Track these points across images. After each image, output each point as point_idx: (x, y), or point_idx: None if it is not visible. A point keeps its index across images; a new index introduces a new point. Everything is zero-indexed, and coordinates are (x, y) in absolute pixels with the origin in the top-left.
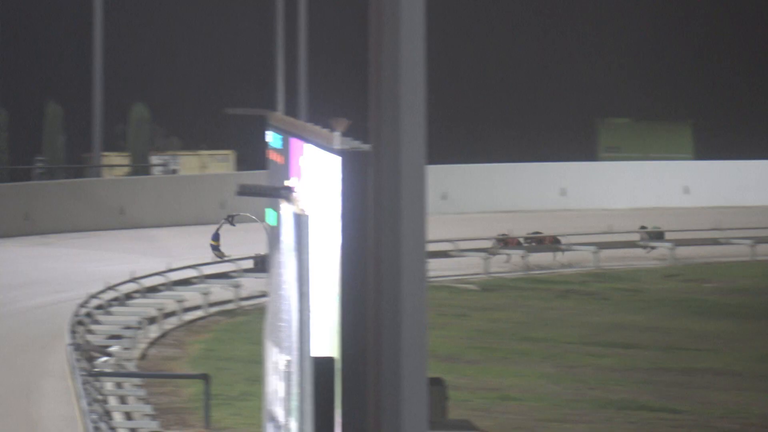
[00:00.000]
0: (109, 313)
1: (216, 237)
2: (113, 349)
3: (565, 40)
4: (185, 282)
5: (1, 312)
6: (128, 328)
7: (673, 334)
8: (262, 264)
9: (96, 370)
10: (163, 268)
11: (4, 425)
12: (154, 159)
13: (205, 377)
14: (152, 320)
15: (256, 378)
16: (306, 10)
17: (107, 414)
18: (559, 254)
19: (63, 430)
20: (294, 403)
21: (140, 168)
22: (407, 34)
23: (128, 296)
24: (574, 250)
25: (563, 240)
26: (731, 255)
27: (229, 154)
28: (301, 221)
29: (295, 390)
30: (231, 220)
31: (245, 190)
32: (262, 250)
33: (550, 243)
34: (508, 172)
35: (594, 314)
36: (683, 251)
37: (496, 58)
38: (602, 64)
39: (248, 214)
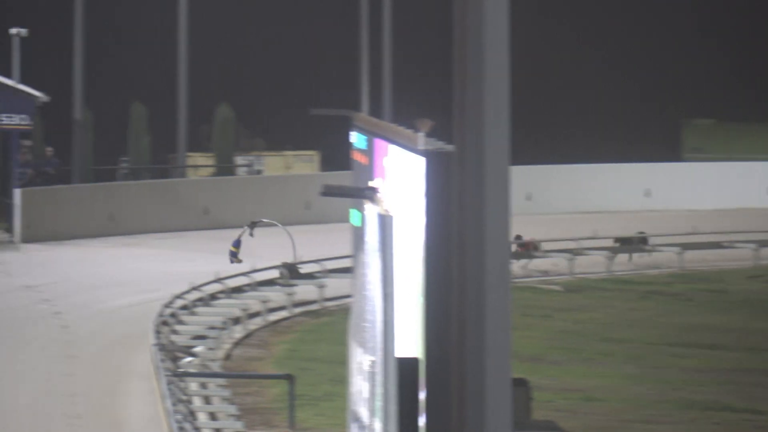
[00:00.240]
0: (193, 314)
1: (237, 244)
2: (198, 349)
3: (650, 41)
4: (270, 282)
5: (87, 312)
6: (213, 328)
7: (757, 334)
8: (291, 272)
9: (180, 370)
10: (247, 269)
11: (89, 425)
12: (239, 159)
13: (289, 378)
14: (237, 320)
15: (340, 378)
16: (390, 11)
17: (192, 414)
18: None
19: (148, 430)
20: (378, 404)
21: (225, 168)
22: (491, 36)
23: (213, 296)
24: (658, 251)
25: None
26: None
27: (314, 155)
28: (385, 222)
29: (379, 390)
30: (253, 227)
31: (329, 191)
32: (289, 257)
33: (531, 249)
34: (593, 173)
35: (678, 315)
36: None
37: (581, 59)
38: (688, 64)
39: (271, 221)
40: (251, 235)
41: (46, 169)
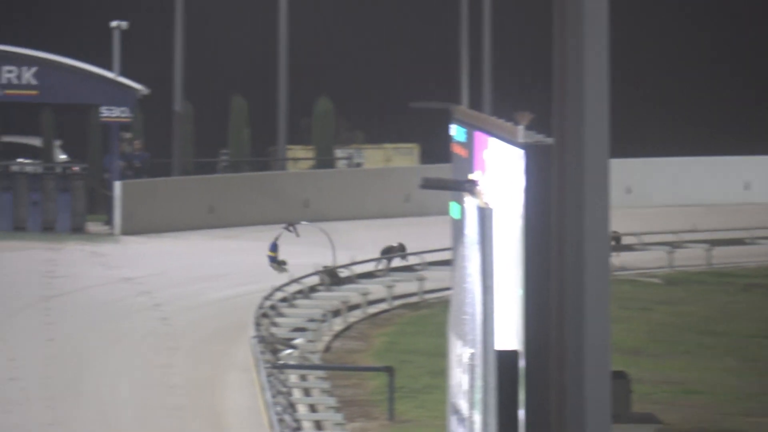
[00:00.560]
0: (293, 306)
1: (274, 248)
2: (297, 341)
3: (751, 29)
4: (369, 276)
5: (186, 304)
6: (312, 320)
7: None
8: (332, 277)
9: (280, 362)
10: (347, 261)
11: (189, 417)
12: (339, 152)
13: (389, 370)
14: (336, 313)
15: (439, 371)
16: (491, 3)
17: (291, 406)
18: None
19: (247, 422)
20: (477, 396)
21: (325, 161)
22: (591, 28)
23: (312, 289)
24: (758, 244)
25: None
26: None
27: (414, 148)
28: (485, 215)
29: (478, 383)
30: (292, 229)
31: (429, 184)
32: (328, 260)
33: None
34: (692, 166)
35: None
36: None
37: (681, 50)
38: None
39: (307, 222)
40: (297, 234)
41: (134, 162)
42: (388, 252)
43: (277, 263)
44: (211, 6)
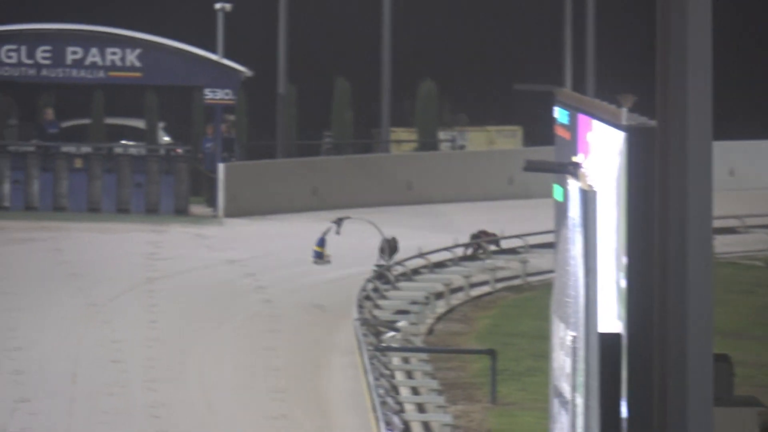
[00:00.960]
0: (396, 288)
1: (321, 243)
2: (400, 324)
3: None
4: (472, 258)
5: (289, 287)
6: (415, 303)
7: None
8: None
9: (383, 345)
10: (450, 244)
11: (292, 400)
12: (442, 135)
13: (491, 353)
14: (439, 295)
15: (542, 354)
16: None
17: (394, 389)
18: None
19: (350, 404)
20: (580, 379)
21: (428, 143)
22: (694, 10)
23: (415, 271)
24: None
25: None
26: None
27: (517, 130)
28: (588, 197)
29: (581, 365)
30: (339, 224)
31: (532, 166)
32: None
33: (488, 241)
34: None
35: None
36: None
37: None
38: None
39: (355, 217)
40: (338, 232)
41: (206, 148)
42: (476, 238)
43: (322, 258)
44: None
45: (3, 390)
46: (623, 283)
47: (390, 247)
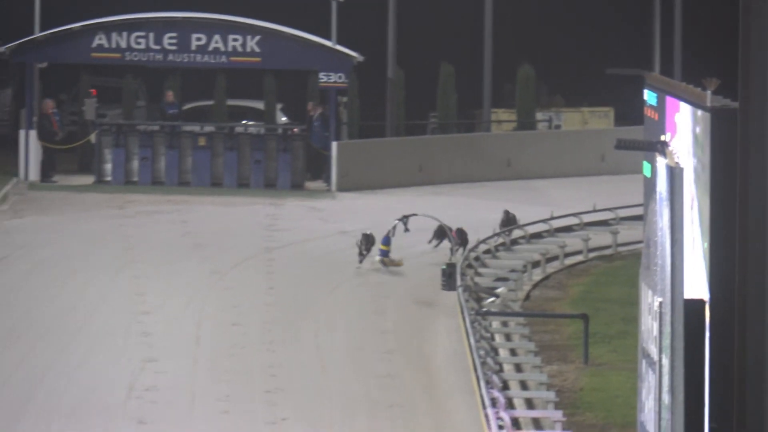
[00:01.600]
0: (496, 257)
1: (387, 241)
2: (500, 290)
3: None
4: (566, 229)
5: (403, 254)
6: (514, 271)
7: None
8: (450, 280)
9: (484, 309)
10: (546, 216)
11: (400, 360)
12: (539, 115)
13: (584, 317)
14: (536, 264)
15: (631, 318)
16: None
17: (494, 350)
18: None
19: (452, 364)
20: (666, 342)
21: (526, 123)
22: None
23: (514, 242)
24: None
25: None
26: None
27: (609, 111)
28: (674, 174)
29: (667, 329)
30: (406, 222)
31: (623, 144)
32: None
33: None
34: None
35: None
36: None
37: None
38: None
39: (423, 214)
40: (406, 230)
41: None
42: (506, 223)
43: (390, 259)
44: None
45: (132, 350)
46: (707, 254)
47: (509, 220)
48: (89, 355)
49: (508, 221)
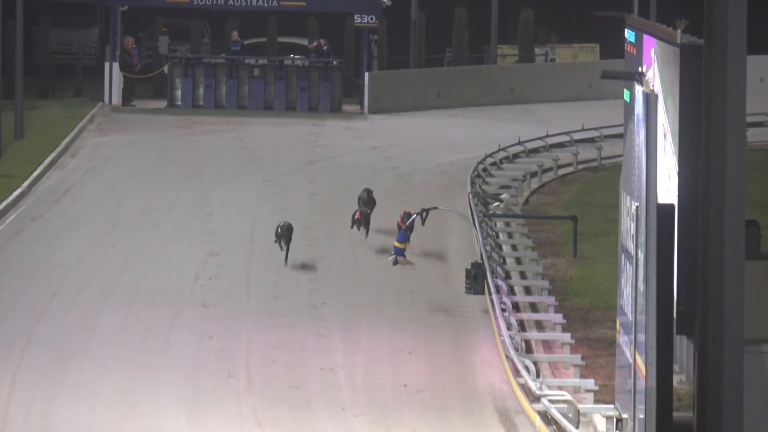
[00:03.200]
0: (500, 169)
1: (403, 237)
2: (503, 196)
3: None
4: (559, 146)
5: (419, 167)
6: (515, 180)
7: None
8: (475, 283)
9: (490, 212)
10: (542, 135)
11: (424, 252)
12: (537, 50)
13: (573, 218)
14: (534, 174)
15: (612, 219)
16: None
17: (498, 245)
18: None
19: (464, 256)
20: (642, 239)
21: (526, 57)
22: None
23: (515, 156)
24: None
25: None
26: None
27: (595, 47)
28: (649, 99)
29: (642, 229)
30: (425, 216)
31: (607, 75)
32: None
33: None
34: None
35: None
36: None
37: None
38: None
39: (443, 207)
40: (423, 223)
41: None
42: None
43: (405, 258)
44: None
45: (198, 246)
46: (677, 165)
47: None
48: (163, 250)
49: (369, 200)
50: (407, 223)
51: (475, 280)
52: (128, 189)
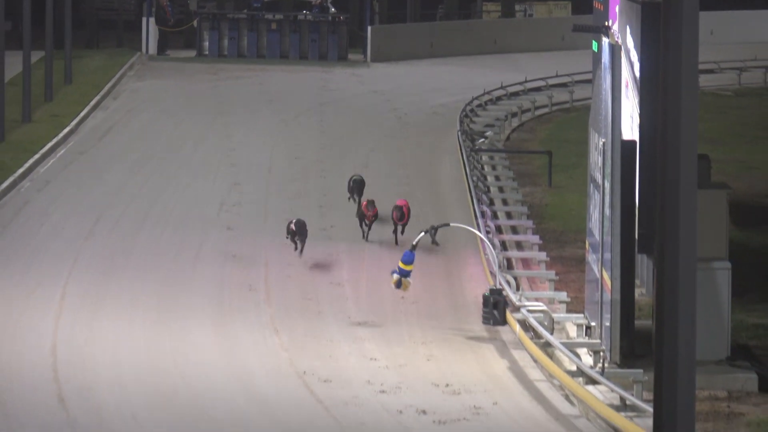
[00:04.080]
0: (485, 110)
1: (409, 259)
2: (488, 133)
3: None
4: (536, 90)
5: (415, 108)
6: (498, 119)
7: None
8: (493, 313)
9: (476, 147)
10: (522, 80)
11: (416, 182)
12: (517, 7)
13: (549, 153)
14: (514, 115)
15: (582, 153)
16: None
17: (483, 176)
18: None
19: (454, 186)
20: (608, 170)
21: (507, 13)
22: None
23: (498, 99)
24: None
25: None
26: None
27: (568, 4)
28: (614, 50)
29: (608, 162)
30: (434, 234)
31: (578, 28)
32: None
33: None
34: (763, 14)
35: None
36: None
37: None
38: None
39: (456, 224)
40: (433, 242)
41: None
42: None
43: (408, 281)
44: None
45: (223, 176)
46: (638, 106)
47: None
48: (193, 180)
49: (357, 185)
50: (414, 243)
51: (495, 308)
52: (162, 127)
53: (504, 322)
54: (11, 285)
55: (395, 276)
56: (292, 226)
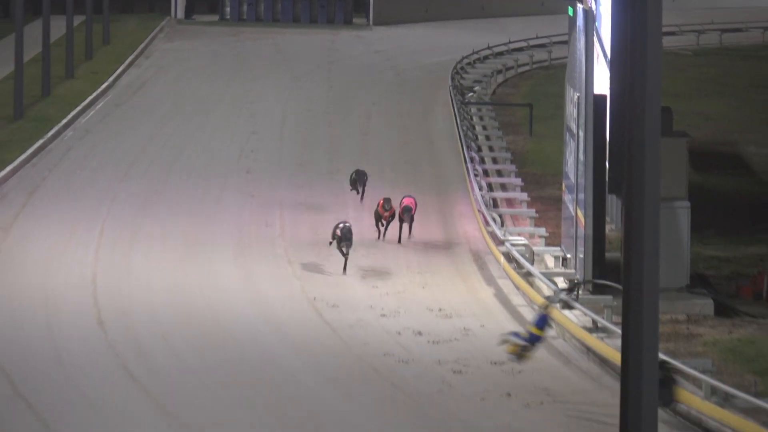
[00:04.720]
0: (473, 68)
1: (543, 323)
2: (476, 88)
3: None
4: (519, 50)
5: (412, 66)
6: (485, 76)
7: None
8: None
9: (466, 101)
10: (506, 41)
11: (413, 132)
12: None
13: (530, 105)
14: (499, 72)
15: (560, 106)
16: None
17: (472, 127)
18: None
19: (446, 135)
20: (582, 121)
21: None
22: None
23: (485, 58)
24: (752, 31)
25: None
26: None
27: None
28: (587, 15)
29: (582, 113)
30: (577, 290)
31: None
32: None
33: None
34: None
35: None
36: None
37: None
38: None
39: (595, 280)
40: (576, 299)
41: None
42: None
43: (532, 350)
44: None
45: (242, 126)
46: (609, 64)
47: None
48: (216, 130)
49: (359, 176)
50: (547, 320)
51: (662, 386)
52: (189, 83)
53: (670, 402)
54: (56, 222)
55: (520, 341)
56: (338, 231)
